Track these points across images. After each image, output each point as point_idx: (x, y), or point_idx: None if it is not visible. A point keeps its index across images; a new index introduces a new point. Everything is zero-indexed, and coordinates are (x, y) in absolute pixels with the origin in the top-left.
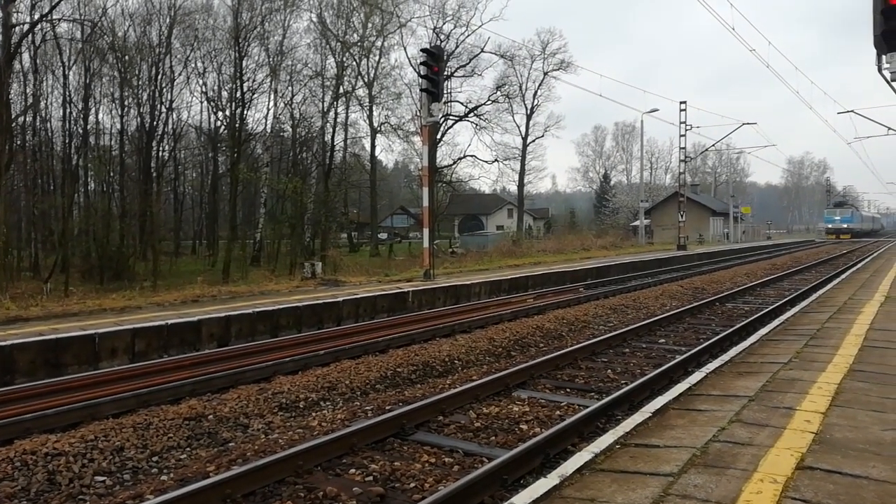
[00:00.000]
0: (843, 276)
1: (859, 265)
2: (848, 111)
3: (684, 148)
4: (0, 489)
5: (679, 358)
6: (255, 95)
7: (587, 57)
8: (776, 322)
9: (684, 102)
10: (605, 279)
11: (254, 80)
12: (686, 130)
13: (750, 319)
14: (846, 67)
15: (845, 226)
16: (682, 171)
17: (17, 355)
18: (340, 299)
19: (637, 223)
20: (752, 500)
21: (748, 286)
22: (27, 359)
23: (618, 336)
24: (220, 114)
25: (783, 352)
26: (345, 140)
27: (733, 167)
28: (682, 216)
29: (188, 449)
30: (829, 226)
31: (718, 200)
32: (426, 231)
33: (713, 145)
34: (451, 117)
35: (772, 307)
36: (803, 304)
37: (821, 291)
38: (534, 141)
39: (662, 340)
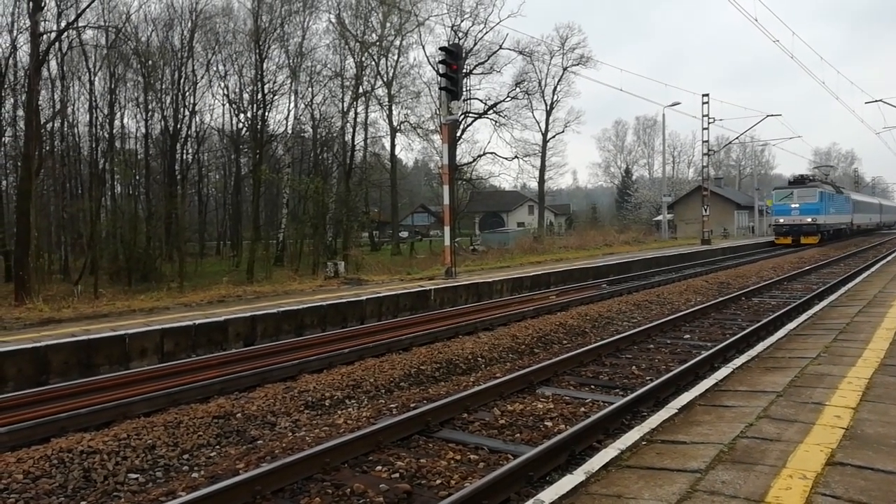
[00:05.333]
0: (873, 268)
1: (889, 258)
2: (876, 101)
3: (707, 141)
4: (39, 486)
5: (705, 353)
6: (276, 97)
7: (609, 51)
8: (804, 317)
9: (707, 95)
10: (628, 275)
11: (274, 82)
12: (709, 123)
13: (777, 314)
14: (874, 58)
15: (809, 219)
16: (705, 164)
17: (51, 356)
18: (364, 298)
19: (660, 218)
20: (781, 496)
21: (774, 280)
22: (61, 359)
23: (642, 332)
24: (241, 116)
25: (811, 346)
26: (365, 139)
27: (758, 160)
28: (705, 210)
29: (218, 447)
30: (781, 220)
31: (743, 194)
32: (447, 229)
33: (737, 138)
34: (470, 115)
35: (799, 301)
36: (831, 297)
37: (850, 285)
38: (554, 137)
39: (687, 336)
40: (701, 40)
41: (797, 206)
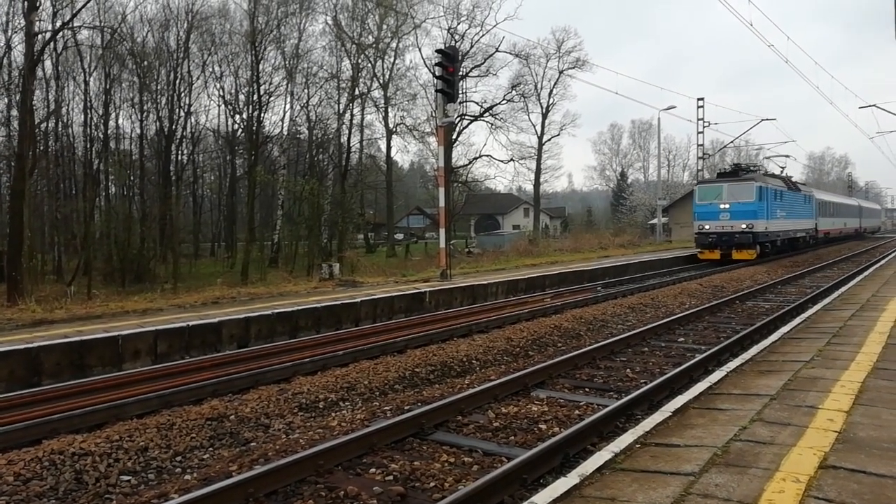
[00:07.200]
0: (867, 272)
1: (882, 262)
2: (870, 105)
3: (702, 145)
4: (29, 488)
5: (699, 357)
6: (272, 98)
7: (608, 52)
8: (798, 320)
9: (702, 99)
10: (623, 278)
11: (270, 84)
12: (704, 127)
13: (771, 317)
14: (869, 63)
15: (743, 226)
16: (700, 168)
17: (44, 357)
18: (358, 300)
19: (655, 221)
20: (774, 499)
21: (769, 284)
22: (53, 360)
23: (636, 335)
24: (237, 117)
25: (805, 350)
26: (361, 141)
27: (752, 164)
28: None
29: (211, 449)
30: (706, 226)
31: None
32: (442, 231)
33: (731, 142)
34: (466, 117)
35: (793, 305)
36: (825, 301)
37: (843, 289)
38: (550, 140)
39: (682, 339)
40: (701, 41)
41: (727, 206)
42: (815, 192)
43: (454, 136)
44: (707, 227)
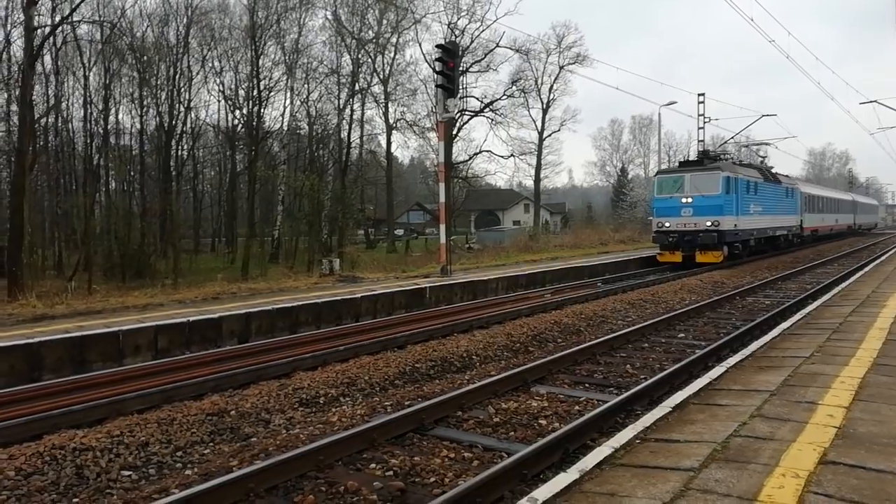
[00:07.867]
0: (867, 268)
1: (883, 258)
2: (871, 101)
3: (703, 140)
4: (31, 483)
5: (699, 352)
6: (272, 93)
7: (611, 48)
8: (798, 316)
9: (702, 94)
10: (624, 274)
11: (270, 79)
12: (704, 123)
13: (771, 313)
14: (872, 59)
15: (708, 223)
16: None
17: (45, 352)
18: (359, 296)
19: None
20: (774, 494)
21: (769, 280)
22: (54, 356)
23: (636, 331)
24: (237, 112)
25: (805, 346)
26: (361, 137)
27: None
28: None
29: (211, 444)
30: (666, 223)
31: None
32: (442, 227)
33: (732, 137)
34: (466, 113)
35: (793, 301)
36: (825, 297)
37: (843, 285)
38: (550, 135)
39: (682, 335)
40: (705, 38)
41: (689, 200)
42: (800, 184)
43: (454, 132)
44: (667, 224)
